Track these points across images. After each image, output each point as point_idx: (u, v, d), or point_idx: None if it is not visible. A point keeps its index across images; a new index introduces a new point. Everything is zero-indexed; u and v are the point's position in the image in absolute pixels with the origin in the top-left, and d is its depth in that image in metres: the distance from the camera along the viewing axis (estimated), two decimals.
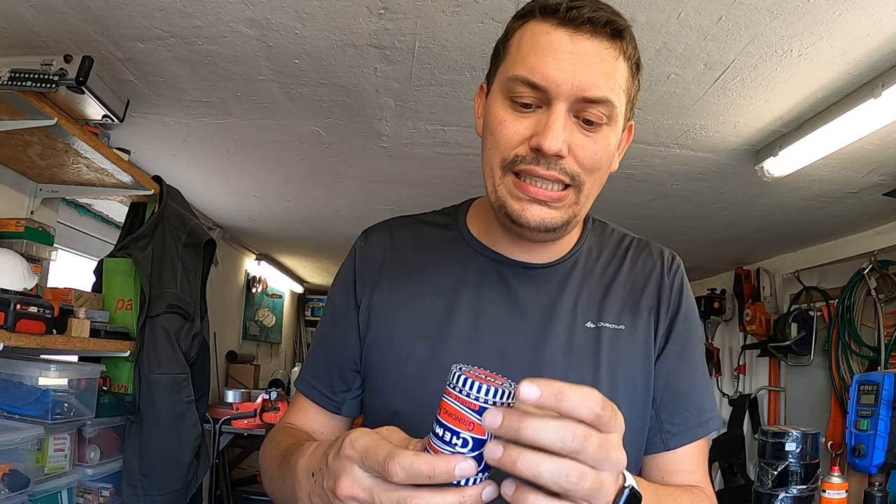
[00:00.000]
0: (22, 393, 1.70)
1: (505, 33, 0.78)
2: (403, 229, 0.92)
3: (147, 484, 2.05)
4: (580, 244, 0.87)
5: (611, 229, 0.93)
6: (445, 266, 0.86)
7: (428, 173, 2.60)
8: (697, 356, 0.85)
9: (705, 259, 4.07)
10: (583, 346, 0.79)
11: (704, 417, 0.83)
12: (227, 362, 4.38)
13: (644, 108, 1.91)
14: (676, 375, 0.82)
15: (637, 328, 0.82)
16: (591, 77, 0.69)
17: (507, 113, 0.73)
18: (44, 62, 1.56)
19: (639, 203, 2.85)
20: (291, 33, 1.55)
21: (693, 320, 0.86)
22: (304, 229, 3.82)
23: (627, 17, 0.73)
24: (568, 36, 0.70)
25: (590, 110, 0.70)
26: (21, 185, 2.14)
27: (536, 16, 0.72)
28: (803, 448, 2.20)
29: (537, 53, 0.70)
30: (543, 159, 0.71)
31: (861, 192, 2.49)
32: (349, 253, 0.93)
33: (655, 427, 0.81)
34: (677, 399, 0.82)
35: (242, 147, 2.39)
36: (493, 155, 0.75)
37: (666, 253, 0.90)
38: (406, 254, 0.89)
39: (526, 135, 0.72)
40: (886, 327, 2.83)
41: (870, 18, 1.38)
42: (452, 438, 0.51)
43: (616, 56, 0.71)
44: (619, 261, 0.87)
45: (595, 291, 0.84)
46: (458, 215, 0.92)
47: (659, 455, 0.81)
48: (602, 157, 0.73)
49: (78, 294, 2.06)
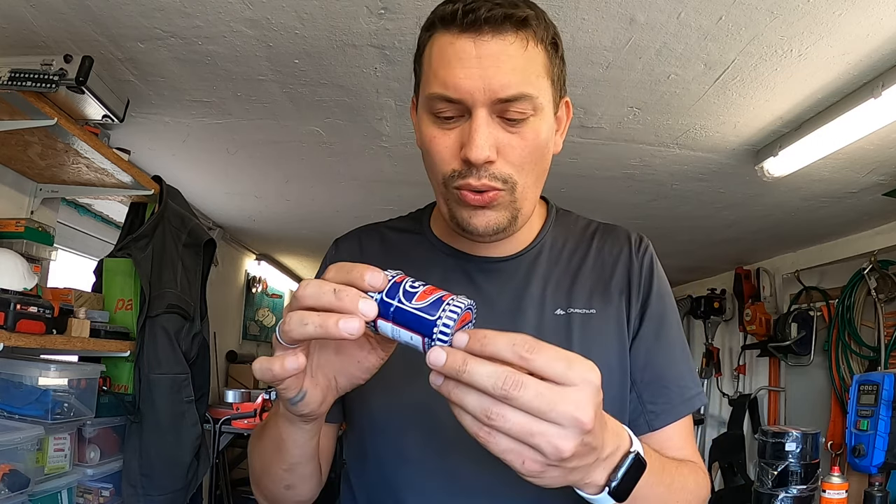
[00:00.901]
0: (22, 393, 1.70)
1: (417, 48, 0.78)
2: (371, 236, 0.94)
3: (147, 484, 2.05)
4: (543, 234, 0.88)
5: (575, 217, 0.94)
6: (411, 268, 0.86)
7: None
8: (674, 333, 0.85)
9: (705, 259, 4.07)
10: (553, 333, 0.80)
11: (687, 395, 0.83)
12: (227, 362, 4.38)
13: (644, 108, 1.91)
14: (654, 354, 0.82)
15: (608, 311, 0.82)
16: (501, 77, 0.69)
17: (434, 129, 0.74)
18: (44, 62, 1.56)
19: (639, 203, 2.85)
20: (291, 33, 1.55)
21: (666, 298, 0.86)
22: (304, 229, 3.82)
23: (627, 18, 0.73)
24: (471, 41, 0.69)
25: (511, 109, 0.71)
26: (21, 185, 2.14)
27: (438, 27, 0.72)
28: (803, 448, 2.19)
29: (445, 67, 0.71)
30: (475, 168, 0.72)
31: (861, 192, 2.49)
32: (322, 262, 0.95)
33: (638, 409, 0.81)
34: (657, 378, 0.82)
35: (242, 147, 2.39)
36: (434, 173, 0.77)
37: (633, 235, 0.90)
38: (374, 260, 0.89)
39: (455, 148, 0.73)
40: (886, 327, 2.83)
41: (870, 18, 1.38)
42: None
43: (524, 46, 0.70)
44: (586, 247, 0.88)
45: (563, 279, 0.84)
46: (422, 219, 0.94)
47: (644, 437, 0.81)
48: (532, 151, 0.74)
49: (78, 294, 2.06)
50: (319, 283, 0.57)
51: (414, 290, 0.57)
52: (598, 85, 1.77)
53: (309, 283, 0.58)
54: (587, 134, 2.11)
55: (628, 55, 1.60)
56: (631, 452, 0.59)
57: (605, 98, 1.85)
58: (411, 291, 0.57)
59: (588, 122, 2.02)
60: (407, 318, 0.56)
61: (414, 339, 0.56)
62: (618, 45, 1.55)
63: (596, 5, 1.38)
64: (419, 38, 0.78)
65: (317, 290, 0.57)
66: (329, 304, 0.56)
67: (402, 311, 0.56)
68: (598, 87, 1.78)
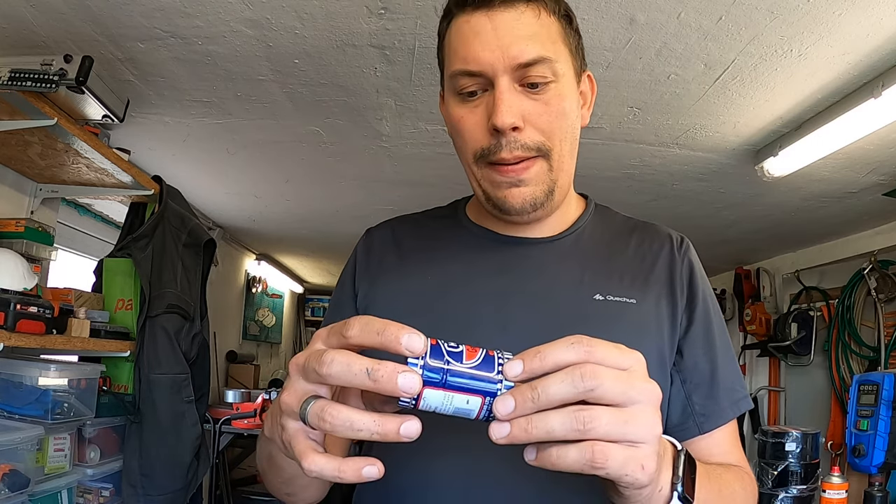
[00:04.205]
0: (22, 393, 1.70)
1: (439, 39, 0.80)
2: (405, 224, 0.94)
3: (147, 484, 2.05)
4: (582, 221, 0.87)
5: (613, 212, 0.93)
6: (444, 249, 0.87)
7: (428, 173, 2.61)
8: (722, 335, 0.84)
9: (705, 259, 4.02)
10: (592, 318, 0.78)
11: (735, 397, 0.81)
12: (227, 362, 4.38)
13: (644, 108, 1.91)
14: (705, 356, 0.81)
15: (647, 302, 0.80)
16: (518, 43, 0.70)
17: (461, 108, 0.75)
18: (44, 62, 1.56)
19: (639, 203, 2.85)
20: (291, 33, 1.55)
21: (710, 299, 0.85)
22: (304, 229, 3.82)
23: (627, 18, 0.74)
24: (485, 17, 0.72)
25: (531, 73, 0.71)
26: (21, 185, 2.14)
27: (454, 12, 0.75)
28: (803, 448, 2.20)
29: (464, 43, 0.73)
30: (504, 139, 0.72)
31: (861, 192, 2.49)
32: (352, 254, 0.94)
33: (688, 411, 0.80)
34: (707, 381, 0.80)
35: (242, 147, 2.39)
36: (465, 152, 0.77)
37: (674, 234, 0.89)
38: (407, 244, 0.90)
39: (483, 123, 0.74)
40: (886, 327, 2.83)
41: (870, 18, 1.38)
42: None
43: (536, 15, 0.72)
44: (626, 239, 0.87)
45: (601, 266, 0.83)
46: (458, 207, 0.94)
47: (694, 440, 0.79)
48: (559, 115, 0.74)
49: (78, 294, 2.06)
50: (348, 361, 0.47)
51: (457, 349, 0.49)
52: (598, 85, 1.75)
53: (334, 359, 0.47)
54: (587, 134, 2.11)
55: (628, 55, 1.60)
56: (680, 451, 0.57)
57: (605, 98, 1.85)
58: (456, 351, 0.49)
59: (588, 122, 2.02)
60: (465, 380, 0.48)
61: (471, 403, 0.48)
62: (618, 45, 1.55)
63: (596, 5, 1.38)
64: (439, 29, 0.79)
65: (345, 370, 0.47)
66: (362, 385, 0.47)
67: (458, 375, 0.48)
68: (598, 87, 1.77)
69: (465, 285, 0.81)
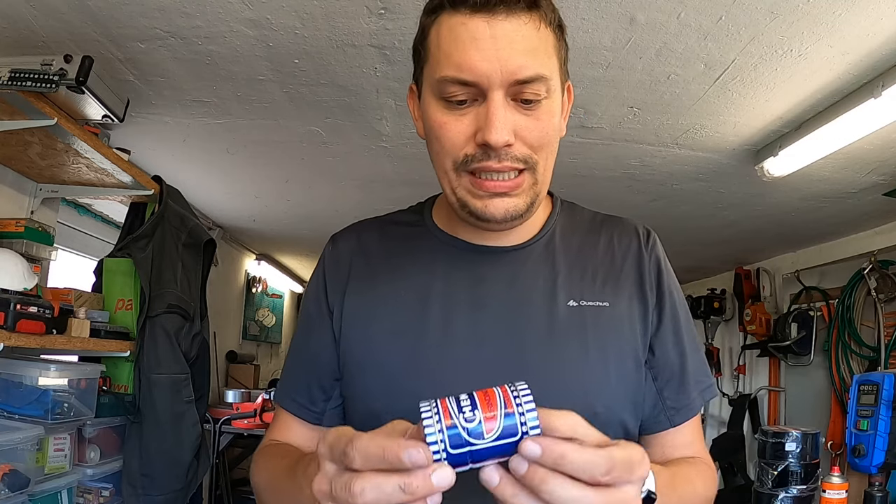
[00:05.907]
0: (22, 393, 1.70)
1: (420, 31, 0.75)
2: (370, 230, 0.91)
3: (147, 484, 2.05)
4: (550, 224, 0.86)
5: (580, 208, 0.92)
6: (414, 261, 0.85)
7: (428, 173, 2.58)
8: (689, 327, 0.85)
9: (705, 259, 4.07)
10: (567, 325, 0.78)
11: (702, 387, 0.83)
12: (227, 362, 4.38)
13: (644, 108, 1.91)
14: (674, 351, 0.82)
15: (620, 305, 0.81)
16: (518, 58, 0.67)
17: (445, 115, 0.72)
18: (44, 62, 1.56)
19: (639, 203, 2.85)
20: (291, 33, 1.55)
21: (676, 292, 0.86)
22: (304, 229, 3.82)
23: (627, 18, 0.73)
24: (485, 22, 0.68)
25: (526, 91, 0.69)
26: (21, 185, 2.14)
27: (447, 8, 0.70)
28: (803, 448, 2.20)
29: (459, 48, 0.68)
30: (493, 152, 0.70)
31: (861, 192, 2.49)
32: (318, 260, 0.92)
33: (659, 406, 0.81)
34: (678, 376, 0.82)
35: (242, 147, 2.39)
36: (443, 159, 0.74)
37: (640, 228, 0.89)
38: (374, 254, 0.88)
39: (469, 132, 0.71)
40: (886, 327, 2.83)
41: (870, 18, 1.38)
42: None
43: (537, 27, 0.69)
44: (595, 238, 0.86)
45: (573, 270, 0.82)
46: (423, 211, 0.91)
47: (663, 433, 0.81)
48: (548, 131, 0.73)
49: (78, 294, 2.06)
50: (378, 484, 0.47)
51: (473, 419, 0.48)
52: (598, 85, 1.77)
53: (364, 488, 0.47)
54: (587, 134, 2.11)
55: (628, 55, 1.60)
56: (642, 491, 0.57)
57: (605, 98, 1.85)
58: (471, 416, 0.48)
59: (588, 122, 2.02)
60: (488, 455, 0.48)
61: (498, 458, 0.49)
62: (618, 45, 1.55)
63: (596, 5, 1.38)
64: (421, 22, 0.75)
65: (379, 495, 0.47)
66: (400, 500, 0.47)
67: (481, 455, 0.48)
68: (598, 87, 1.78)
69: (441, 301, 0.80)
